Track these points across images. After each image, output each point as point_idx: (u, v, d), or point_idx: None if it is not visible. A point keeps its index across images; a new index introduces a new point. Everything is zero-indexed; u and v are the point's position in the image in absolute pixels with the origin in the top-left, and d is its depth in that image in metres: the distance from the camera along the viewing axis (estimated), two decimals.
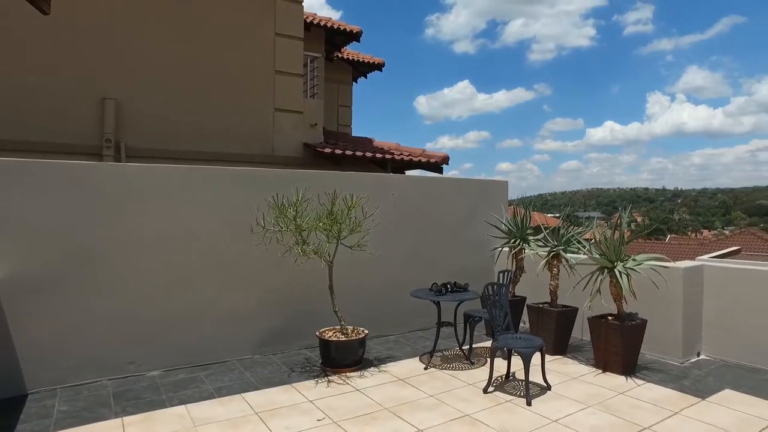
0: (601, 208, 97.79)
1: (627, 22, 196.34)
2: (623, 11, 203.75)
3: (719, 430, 3.70)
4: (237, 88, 8.54)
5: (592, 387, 4.56)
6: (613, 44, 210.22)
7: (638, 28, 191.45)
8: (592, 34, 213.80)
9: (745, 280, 5.28)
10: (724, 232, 57.15)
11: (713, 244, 26.27)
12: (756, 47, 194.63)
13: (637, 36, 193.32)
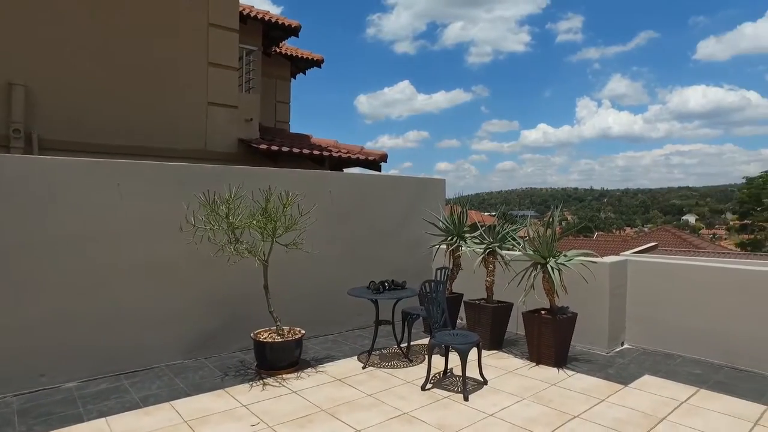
0: (535, 206, 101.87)
1: (559, 30, 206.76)
2: (556, 20, 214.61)
3: (639, 413, 3.91)
4: (167, 79, 8.10)
5: (527, 380, 4.68)
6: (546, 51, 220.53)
7: (569, 37, 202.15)
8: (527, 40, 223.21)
9: (661, 274, 5.62)
10: (643, 230, 61.25)
11: (635, 241, 28.04)
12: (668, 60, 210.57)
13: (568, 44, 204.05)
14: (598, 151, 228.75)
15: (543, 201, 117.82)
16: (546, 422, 3.74)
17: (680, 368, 4.99)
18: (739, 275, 5.10)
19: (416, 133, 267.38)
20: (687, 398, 4.23)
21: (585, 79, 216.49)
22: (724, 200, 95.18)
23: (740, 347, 4.99)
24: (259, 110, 9.93)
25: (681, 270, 5.58)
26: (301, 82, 13.53)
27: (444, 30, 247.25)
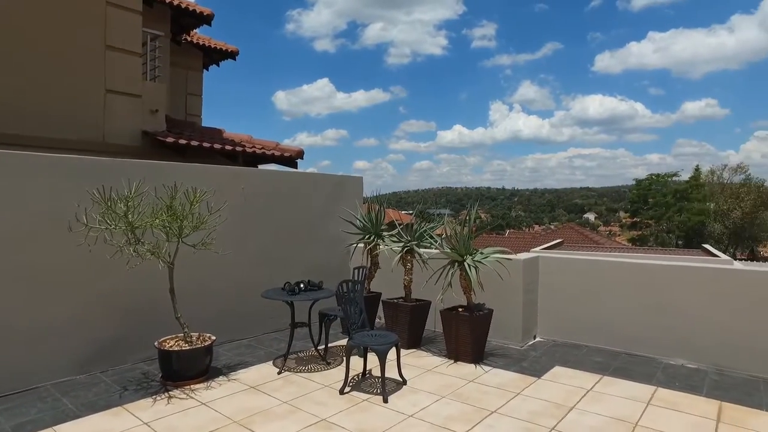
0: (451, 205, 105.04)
1: (474, 36, 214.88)
2: (471, 26, 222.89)
3: (551, 404, 4.05)
4: (57, 63, 7.27)
5: (445, 378, 4.69)
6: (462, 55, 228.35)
7: (483, 43, 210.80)
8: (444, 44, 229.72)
9: (568, 269, 5.91)
10: (550, 227, 65.34)
11: (543, 237, 29.73)
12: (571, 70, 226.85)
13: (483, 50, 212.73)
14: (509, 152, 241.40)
15: (458, 200, 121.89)
16: (465, 420, 3.75)
17: (586, 358, 5.26)
18: (633, 268, 5.48)
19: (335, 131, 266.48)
20: (592, 386, 4.45)
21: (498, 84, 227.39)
22: (618, 200, 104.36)
23: (635, 335, 5.35)
24: (167, 101, 9.26)
25: (585, 265, 5.90)
26: (214, 74, 12.84)
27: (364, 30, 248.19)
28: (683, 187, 40.45)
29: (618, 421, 3.75)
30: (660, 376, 4.71)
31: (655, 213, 40.98)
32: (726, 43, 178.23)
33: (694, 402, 4.12)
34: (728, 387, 4.46)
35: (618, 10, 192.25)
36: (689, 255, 14.34)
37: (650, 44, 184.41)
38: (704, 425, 3.71)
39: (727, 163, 52.29)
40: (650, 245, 37.60)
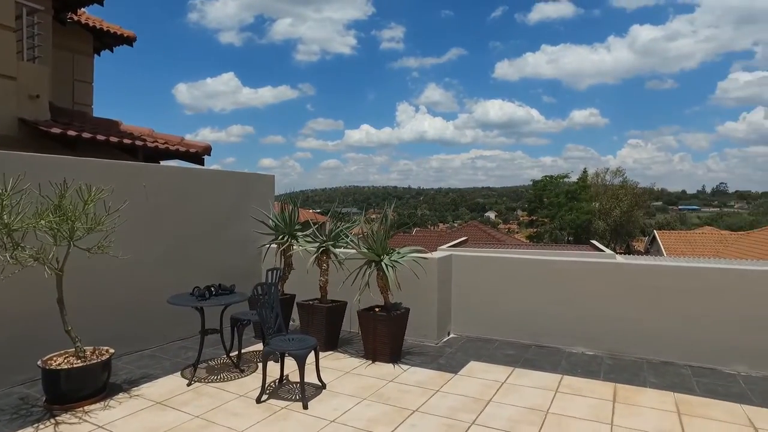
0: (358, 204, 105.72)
1: (383, 38, 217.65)
2: (380, 28, 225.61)
3: (469, 398, 4.16)
4: None
5: (365, 379, 4.65)
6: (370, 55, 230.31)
7: (392, 45, 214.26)
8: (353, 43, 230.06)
9: (479, 266, 6.14)
10: (454, 225, 68.07)
11: (448, 236, 30.89)
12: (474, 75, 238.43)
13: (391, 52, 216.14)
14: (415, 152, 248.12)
15: (365, 199, 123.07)
16: (387, 421, 3.73)
17: (498, 351, 5.49)
18: (538, 264, 5.82)
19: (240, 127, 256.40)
20: (506, 378, 4.64)
21: (405, 86, 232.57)
22: (516, 199, 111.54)
23: (542, 327, 5.68)
24: (50, 87, 8.28)
25: (495, 262, 6.16)
26: (108, 61, 11.74)
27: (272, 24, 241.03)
28: (573, 188, 44.08)
29: (532, 410, 3.93)
30: (565, 365, 5.03)
31: (550, 212, 44.20)
32: (605, 60, 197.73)
33: (593, 386, 4.45)
34: (620, 370, 4.87)
35: (516, 23, 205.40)
36: (579, 250, 15.60)
37: (544, 56, 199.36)
38: (603, 406, 4.01)
39: (609, 167, 57.79)
40: (545, 242, 40.55)
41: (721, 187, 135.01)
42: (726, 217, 73.84)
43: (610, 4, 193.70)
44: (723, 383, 4.55)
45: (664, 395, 4.25)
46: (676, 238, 30.29)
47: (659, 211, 73.96)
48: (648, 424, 3.71)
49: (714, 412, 3.94)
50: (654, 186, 58.60)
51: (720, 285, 5.03)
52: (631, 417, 3.83)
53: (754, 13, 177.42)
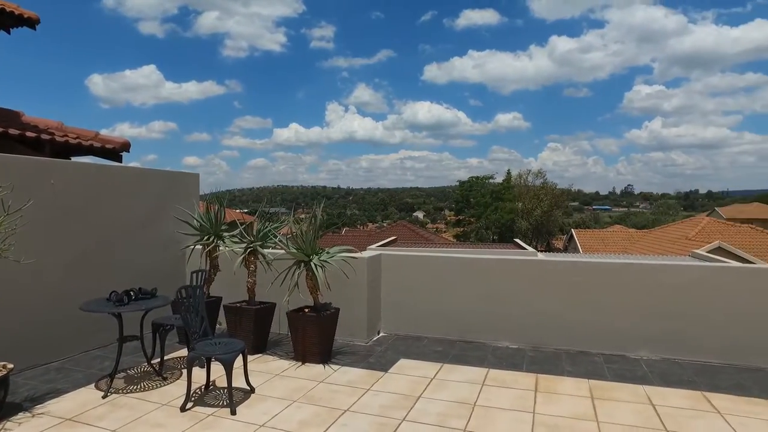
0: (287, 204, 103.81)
1: (313, 36, 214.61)
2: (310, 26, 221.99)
3: (400, 396, 4.22)
4: None
5: (295, 381, 4.58)
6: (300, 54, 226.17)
7: (322, 44, 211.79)
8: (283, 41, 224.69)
9: (408, 265, 6.24)
10: (383, 225, 68.74)
11: (377, 235, 31.08)
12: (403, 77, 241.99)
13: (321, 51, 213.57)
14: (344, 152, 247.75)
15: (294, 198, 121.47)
16: (319, 422, 3.69)
17: (427, 348, 5.60)
18: (465, 262, 6.01)
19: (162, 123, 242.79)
20: (435, 374, 4.75)
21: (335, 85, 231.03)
22: (444, 199, 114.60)
23: (469, 323, 5.87)
24: None
25: (424, 261, 6.29)
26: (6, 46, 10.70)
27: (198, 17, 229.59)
28: (498, 189, 46.02)
29: (460, 404, 4.06)
30: (490, 359, 5.23)
31: (476, 211, 45.84)
32: (527, 67, 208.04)
33: (517, 378, 4.66)
34: (541, 361, 5.14)
35: (444, 27, 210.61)
36: (504, 249, 16.29)
37: (470, 60, 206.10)
38: (526, 396, 4.22)
39: (530, 169, 60.90)
40: (471, 241, 41.95)
41: (628, 188, 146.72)
42: (632, 216, 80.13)
43: (532, 15, 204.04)
44: (629, 368, 4.93)
45: (580, 382, 4.54)
46: (591, 236, 32.41)
47: (576, 211, 79.02)
48: (566, 410, 3.95)
49: (621, 394, 4.27)
50: (571, 187, 62.61)
51: (626, 279, 5.45)
52: (551, 404, 4.05)
53: (651, 34, 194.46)
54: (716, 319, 5.12)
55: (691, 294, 5.22)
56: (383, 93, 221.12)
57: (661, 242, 25.33)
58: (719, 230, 24.12)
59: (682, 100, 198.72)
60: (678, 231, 26.27)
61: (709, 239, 21.45)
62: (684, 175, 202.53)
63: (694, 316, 5.18)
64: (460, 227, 50.21)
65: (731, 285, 5.17)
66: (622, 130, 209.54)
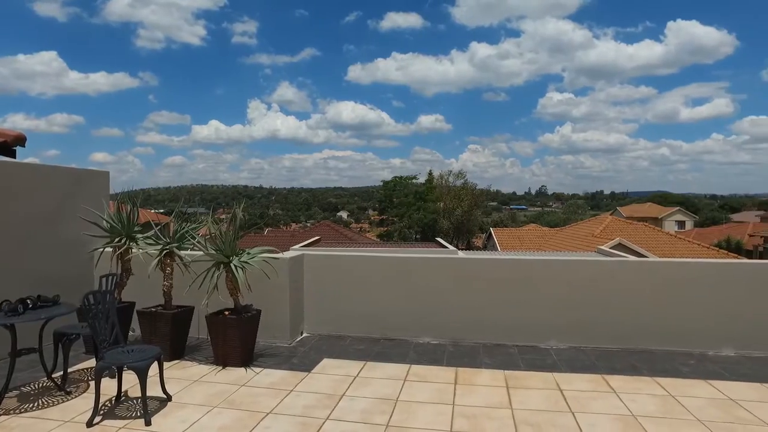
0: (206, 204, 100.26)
1: (235, 31, 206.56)
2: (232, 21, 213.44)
3: (323, 395, 4.23)
4: None
5: (215, 386, 4.43)
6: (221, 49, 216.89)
7: (244, 40, 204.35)
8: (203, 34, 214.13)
9: (330, 265, 6.26)
10: (307, 225, 68.03)
11: (301, 235, 30.70)
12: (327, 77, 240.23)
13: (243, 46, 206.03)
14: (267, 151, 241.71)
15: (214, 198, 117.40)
16: (240, 426, 3.61)
17: (351, 347, 5.64)
18: (388, 261, 6.14)
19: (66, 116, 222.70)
20: (358, 372, 4.80)
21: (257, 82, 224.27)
22: (368, 199, 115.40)
23: (391, 321, 5.98)
24: None
25: (347, 260, 6.35)
26: None
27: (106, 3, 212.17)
28: (421, 189, 47.06)
29: (383, 400, 4.13)
30: (412, 355, 5.37)
31: (399, 211, 46.59)
32: (449, 71, 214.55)
33: (438, 372, 4.82)
34: (461, 355, 5.35)
35: (369, 29, 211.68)
36: (426, 247, 16.72)
37: (394, 62, 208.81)
38: (446, 389, 4.38)
39: (452, 170, 62.89)
40: (395, 240, 42.60)
41: (542, 189, 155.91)
42: (546, 215, 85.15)
43: (454, 21, 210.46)
44: (540, 357, 5.27)
45: (496, 373, 4.78)
46: (508, 234, 34.05)
47: (495, 211, 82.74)
48: (483, 400, 4.15)
49: (533, 381, 4.56)
50: (490, 187, 65.46)
51: (538, 274, 5.81)
52: (469, 396, 4.24)
53: (561, 45, 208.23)
54: (614, 308, 5.60)
55: (594, 287, 5.67)
56: (307, 92, 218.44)
57: (571, 239, 27.16)
58: (620, 228, 26.32)
59: (588, 108, 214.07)
60: (585, 229, 28.33)
61: (611, 236, 23.32)
62: (591, 176, 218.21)
63: (597, 307, 5.63)
64: (383, 227, 50.88)
65: (627, 277, 5.68)
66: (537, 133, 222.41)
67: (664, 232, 30.04)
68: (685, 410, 3.96)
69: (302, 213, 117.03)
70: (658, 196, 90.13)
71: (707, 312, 5.47)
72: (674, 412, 3.93)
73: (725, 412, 3.95)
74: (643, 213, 60.94)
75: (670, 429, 3.65)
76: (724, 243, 33.89)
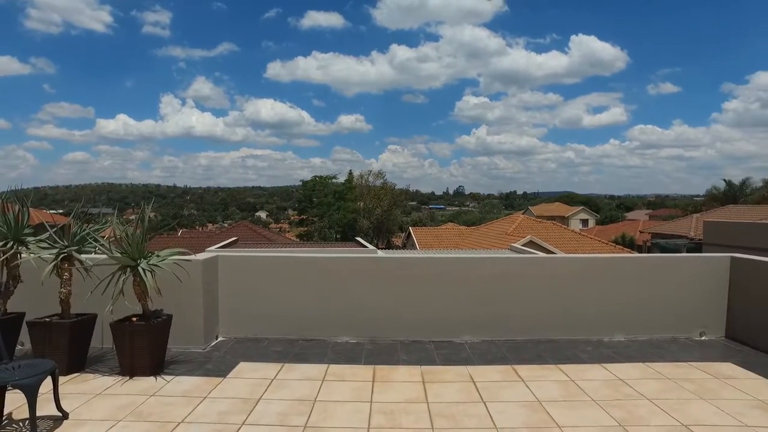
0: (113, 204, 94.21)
1: (146, 21, 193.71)
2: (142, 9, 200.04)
3: (239, 400, 4.12)
4: None
5: (121, 398, 4.15)
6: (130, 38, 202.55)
7: (156, 30, 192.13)
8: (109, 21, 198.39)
9: (247, 266, 6.11)
10: (224, 225, 65.64)
11: (217, 236, 29.55)
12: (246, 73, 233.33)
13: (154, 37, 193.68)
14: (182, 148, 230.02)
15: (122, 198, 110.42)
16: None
17: (268, 349, 5.53)
18: (306, 261, 6.07)
19: None
20: (275, 375, 4.72)
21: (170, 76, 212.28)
22: (287, 198, 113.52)
23: (310, 322, 5.94)
24: None
25: (264, 261, 6.22)
26: None
27: None
28: (341, 189, 47.00)
29: (301, 401, 4.10)
30: (330, 355, 5.36)
31: (319, 211, 46.24)
32: (370, 72, 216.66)
33: (356, 371, 4.86)
34: (378, 353, 5.43)
35: (289, 26, 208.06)
36: (346, 247, 16.75)
37: (314, 61, 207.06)
38: (364, 387, 4.43)
39: (371, 169, 63.46)
40: (315, 240, 42.25)
41: (460, 189, 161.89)
42: (463, 214, 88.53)
43: (374, 23, 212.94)
44: (455, 352, 5.47)
45: (413, 369, 4.90)
46: (427, 233, 34.97)
47: (414, 210, 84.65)
48: (400, 396, 4.24)
49: (448, 375, 4.73)
50: (409, 187, 66.79)
51: (454, 271, 6.04)
52: (387, 392, 4.31)
53: (477, 51, 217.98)
54: (523, 302, 5.95)
55: (505, 283, 5.98)
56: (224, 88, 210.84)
57: (486, 238, 28.41)
58: (531, 226, 27.95)
59: (502, 112, 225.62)
60: (500, 227, 29.76)
61: (523, 234, 24.70)
62: (505, 177, 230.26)
63: (507, 302, 5.95)
64: (303, 227, 50.27)
65: (534, 272, 6.06)
66: (454, 135, 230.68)
67: (570, 230, 32.40)
68: (583, 392, 4.31)
69: (219, 213, 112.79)
70: (565, 196, 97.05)
71: (602, 302, 5.97)
72: (574, 395, 4.26)
73: (615, 390, 4.37)
74: (552, 212, 65.31)
75: (569, 410, 3.96)
76: (620, 239, 37.08)
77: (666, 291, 6.01)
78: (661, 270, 6.19)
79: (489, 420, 3.79)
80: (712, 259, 6.31)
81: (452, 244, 29.83)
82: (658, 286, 6.02)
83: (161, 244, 13.67)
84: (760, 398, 4.21)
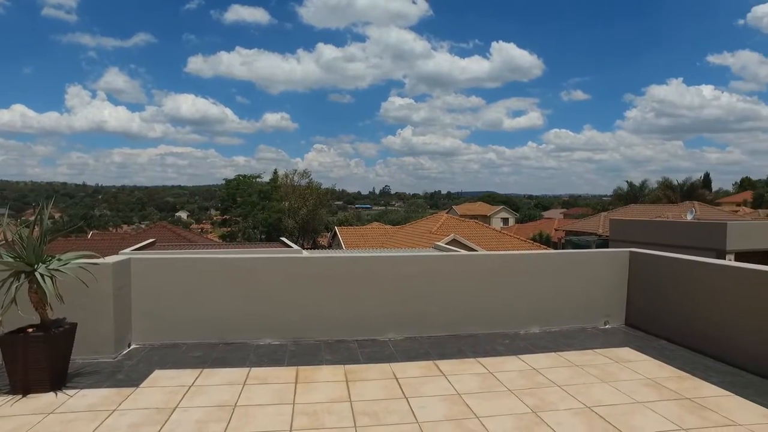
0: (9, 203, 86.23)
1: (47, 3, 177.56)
2: None
3: (153, 410, 3.90)
4: None
5: (11, 420, 3.76)
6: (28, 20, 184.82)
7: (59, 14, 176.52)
8: None
9: (163, 269, 5.80)
10: (141, 226, 61.96)
11: (133, 238, 27.82)
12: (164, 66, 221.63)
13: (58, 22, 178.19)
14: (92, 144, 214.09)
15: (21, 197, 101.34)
16: None
17: (186, 355, 5.28)
18: (226, 263, 5.88)
19: None
20: (193, 381, 4.52)
21: (78, 66, 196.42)
22: (209, 198, 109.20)
23: (230, 324, 5.74)
24: None
25: (180, 263, 5.94)
26: None
27: None
28: (265, 188, 45.87)
29: (220, 407, 3.95)
30: (252, 358, 5.22)
31: (243, 211, 44.85)
32: (296, 70, 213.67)
33: (278, 373, 4.76)
34: (302, 354, 5.36)
35: (212, 19, 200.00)
36: (270, 247, 16.40)
37: (238, 57, 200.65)
38: (287, 389, 4.35)
39: (297, 169, 62.57)
40: (239, 240, 40.97)
41: (386, 189, 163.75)
42: (389, 213, 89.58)
43: (301, 21, 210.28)
44: (379, 350, 5.52)
45: (336, 369, 4.89)
46: (353, 233, 35.02)
47: (340, 210, 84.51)
48: (324, 396, 4.21)
49: (371, 373, 4.77)
50: (335, 187, 66.49)
51: (377, 270, 6.09)
52: (310, 393, 4.26)
53: (403, 53, 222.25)
54: (444, 298, 6.12)
55: (427, 280, 6.12)
56: (141, 81, 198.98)
57: (411, 236, 28.93)
58: (454, 225, 28.84)
59: (427, 113, 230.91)
60: (424, 226, 30.43)
61: (447, 233, 25.41)
62: (430, 177, 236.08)
63: (429, 299, 6.09)
64: (226, 227, 48.58)
65: (455, 269, 6.26)
66: (380, 135, 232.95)
67: (492, 228, 33.81)
68: (500, 383, 4.51)
69: (135, 213, 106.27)
70: (487, 196, 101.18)
71: (519, 296, 6.28)
72: (491, 387, 4.44)
73: (529, 380, 4.61)
74: (474, 211, 67.77)
75: (487, 401, 4.12)
76: (537, 237, 39.23)
77: (576, 284, 6.42)
78: (572, 265, 6.62)
79: (411, 415, 3.86)
80: (614, 253, 6.85)
81: (378, 243, 30.10)
82: (569, 280, 6.43)
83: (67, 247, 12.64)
84: (650, 377, 4.67)
